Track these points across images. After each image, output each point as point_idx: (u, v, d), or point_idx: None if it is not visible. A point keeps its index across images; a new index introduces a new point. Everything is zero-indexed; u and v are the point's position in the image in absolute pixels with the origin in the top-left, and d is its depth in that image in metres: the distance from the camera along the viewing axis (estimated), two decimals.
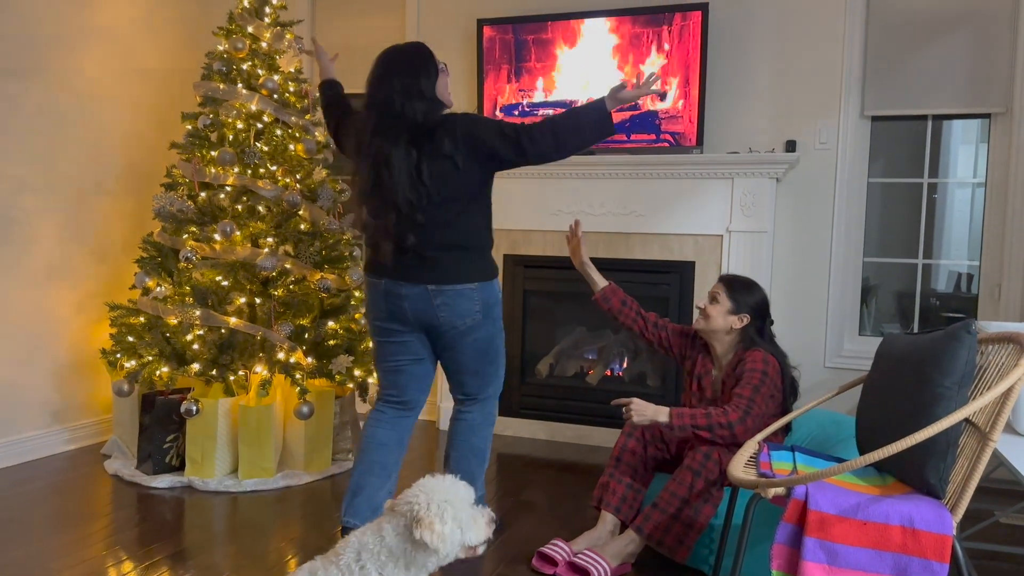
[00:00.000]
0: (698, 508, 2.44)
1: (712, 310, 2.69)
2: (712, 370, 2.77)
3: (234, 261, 3.49)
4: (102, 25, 3.88)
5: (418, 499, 1.76)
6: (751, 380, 2.53)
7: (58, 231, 3.73)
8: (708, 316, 2.69)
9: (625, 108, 4.06)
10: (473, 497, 1.83)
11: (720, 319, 2.68)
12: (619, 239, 4.09)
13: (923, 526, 1.77)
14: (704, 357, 2.79)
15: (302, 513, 3.09)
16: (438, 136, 2.45)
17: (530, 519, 3.07)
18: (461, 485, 1.81)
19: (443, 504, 1.75)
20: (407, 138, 2.44)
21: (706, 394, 2.74)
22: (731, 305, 2.68)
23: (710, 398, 2.73)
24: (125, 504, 3.12)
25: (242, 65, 3.69)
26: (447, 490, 1.78)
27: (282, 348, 3.42)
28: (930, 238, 3.95)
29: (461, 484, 1.81)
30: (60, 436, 3.77)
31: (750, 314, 2.69)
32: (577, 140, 2.52)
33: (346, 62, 4.90)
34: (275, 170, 3.64)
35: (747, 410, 2.47)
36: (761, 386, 2.52)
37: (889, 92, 3.88)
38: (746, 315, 2.68)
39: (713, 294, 2.71)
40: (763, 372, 2.55)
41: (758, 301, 2.71)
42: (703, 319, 2.71)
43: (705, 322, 2.70)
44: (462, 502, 1.78)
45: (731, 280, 2.74)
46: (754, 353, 2.61)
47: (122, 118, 4.04)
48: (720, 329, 2.69)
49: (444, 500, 1.76)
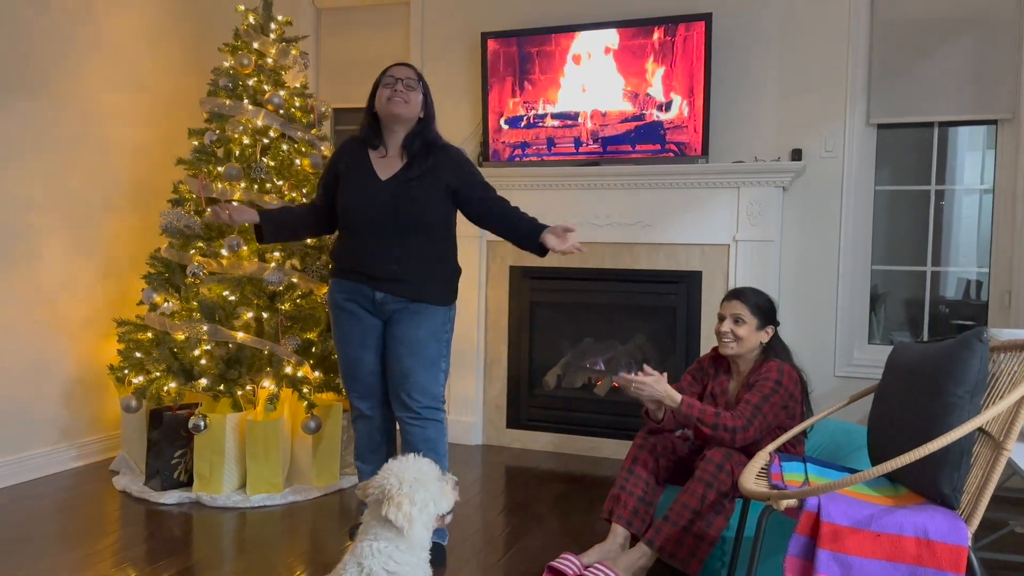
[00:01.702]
0: (710, 520, 2.42)
1: (742, 331, 2.64)
2: (728, 384, 2.75)
3: (241, 276, 3.49)
4: (108, 42, 3.91)
5: (388, 480, 1.83)
6: (762, 389, 2.52)
7: (65, 247, 3.74)
8: (741, 338, 2.65)
9: (629, 119, 4.07)
10: (438, 470, 1.90)
11: (752, 339, 2.65)
12: (625, 249, 4.09)
13: (938, 537, 1.75)
14: (718, 377, 2.77)
15: (311, 528, 3.07)
16: None
17: (539, 532, 3.05)
18: (426, 462, 1.88)
19: (414, 484, 1.82)
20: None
21: (720, 406, 2.72)
22: (757, 321, 2.65)
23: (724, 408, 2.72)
24: (133, 520, 3.11)
25: (248, 81, 3.71)
26: (416, 469, 1.84)
27: (289, 362, 3.42)
28: (938, 245, 3.93)
29: (426, 461, 1.88)
30: (68, 453, 3.77)
31: (772, 324, 2.68)
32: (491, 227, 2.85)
33: (350, 76, 4.93)
34: (281, 185, 3.64)
35: (751, 418, 2.46)
36: (772, 395, 2.50)
37: (895, 99, 3.87)
38: (771, 326, 2.68)
39: (735, 315, 2.65)
40: (776, 381, 2.53)
41: (772, 307, 2.70)
42: (736, 343, 2.65)
43: (739, 345, 2.66)
44: (431, 479, 1.85)
45: (747, 295, 2.68)
46: (770, 363, 2.60)
47: (129, 134, 4.05)
48: (752, 348, 2.67)
49: (414, 479, 1.82)
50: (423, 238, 2.75)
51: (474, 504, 3.38)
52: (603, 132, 4.12)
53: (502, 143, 4.32)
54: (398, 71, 2.74)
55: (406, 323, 2.75)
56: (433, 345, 2.79)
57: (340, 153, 2.87)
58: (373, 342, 2.83)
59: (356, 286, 2.78)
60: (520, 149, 4.29)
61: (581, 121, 4.16)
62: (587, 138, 4.16)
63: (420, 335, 2.76)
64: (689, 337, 4.00)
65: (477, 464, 4.03)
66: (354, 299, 2.80)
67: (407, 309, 2.75)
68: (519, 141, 4.29)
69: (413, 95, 2.72)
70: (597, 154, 4.14)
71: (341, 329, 2.85)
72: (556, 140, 4.21)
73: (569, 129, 4.19)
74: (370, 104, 2.79)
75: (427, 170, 2.72)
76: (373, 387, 2.88)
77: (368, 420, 2.93)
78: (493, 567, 2.66)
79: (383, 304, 2.77)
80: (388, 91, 2.70)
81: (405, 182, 2.72)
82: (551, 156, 4.22)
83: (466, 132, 4.45)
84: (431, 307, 2.77)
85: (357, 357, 2.84)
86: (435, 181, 2.73)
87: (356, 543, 1.86)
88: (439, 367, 2.82)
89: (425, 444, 2.79)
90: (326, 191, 2.88)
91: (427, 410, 2.79)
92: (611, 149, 4.11)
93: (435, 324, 2.79)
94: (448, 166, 2.77)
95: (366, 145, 2.81)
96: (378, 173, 2.75)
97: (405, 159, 2.76)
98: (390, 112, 2.70)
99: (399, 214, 2.70)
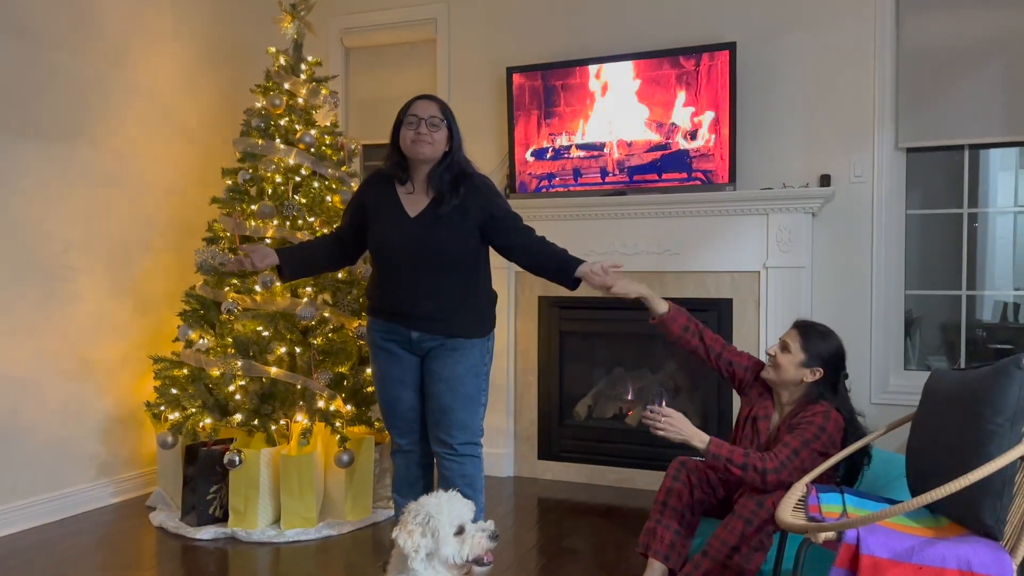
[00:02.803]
0: (748, 556, 2.38)
1: (783, 359, 2.54)
2: (772, 414, 2.64)
3: (274, 311, 3.54)
4: (144, 85, 4.02)
5: (410, 508, 1.90)
6: (804, 433, 2.41)
7: (103, 286, 3.83)
8: (778, 366, 2.55)
9: (655, 148, 4.08)
10: (470, 515, 1.90)
11: (791, 370, 2.53)
12: (654, 278, 4.08)
13: (981, 569, 1.71)
14: (765, 399, 2.66)
15: (344, 563, 3.08)
16: None
17: (574, 568, 3.03)
18: (465, 503, 1.90)
19: (427, 516, 1.86)
20: None
21: (760, 438, 2.62)
22: (804, 357, 2.52)
23: (763, 443, 2.61)
24: (170, 556, 3.14)
25: (280, 121, 3.79)
26: (449, 506, 1.88)
27: (322, 396, 3.44)
28: (972, 268, 3.88)
29: (465, 503, 1.90)
30: (106, 489, 3.82)
31: (823, 367, 2.53)
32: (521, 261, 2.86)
33: (379, 113, 5.01)
34: (313, 221, 3.70)
35: (785, 462, 2.36)
36: (813, 441, 2.40)
37: (923, 123, 3.85)
38: (819, 369, 2.52)
39: (785, 342, 2.56)
40: (820, 427, 2.42)
41: (833, 352, 2.55)
42: (772, 369, 2.57)
43: (775, 372, 2.56)
44: (448, 517, 1.86)
45: (806, 328, 2.58)
46: (817, 406, 2.48)
47: (164, 175, 4.15)
48: (790, 381, 2.55)
49: (429, 513, 1.86)
50: (455, 274, 2.73)
51: (507, 538, 3.36)
52: (629, 162, 4.14)
53: (529, 175, 4.36)
54: (421, 109, 2.69)
55: (444, 359, 2.74)
56: (471, 380, 2.76)
57: (367, 186, 2.86)
58: (411, 379, 2.83)
59: (392, 325, 2.77)
60: (547, 180, 4.32)
61: (607, 151, 4.19)
62: (613, 168, 4.18)
63: (458, 372, 2.74)
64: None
65: (509, 496, 4.01)
66: (391, 338, 2.79)
67: (444, 346, 2.74)
68: (545, 172, 4.32)
69: (438, 134, 2.67)
70: (623, 183, 4.15)
71: (380, 367, 2.85)
72: (582, 171, 4.24)
73: (595, 160, 4.21)
74: (394, 139, 2.76)
75: (456, 206, 2.69)
76: (412, 423, 2.86)
77: (407, 455, 2.92)
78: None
79: (420, 342, 2.75)
80: (412, 132, 2.65)
81: (434, 220, 2.68)
82: (577, 187, 4.25)
83: (493, 165, 4.49)
84: (468, 341, 2.76)
85: (396, 396, 2.83)
86: (464, 216, 2.70)
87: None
88: (479, 402, 2.81)
89: (462, 480, 2.77)
90: (351, 221, 2.87)
91: (465, 446, 2.77)
92: (637, 178, 4.13)
93: (473, 359, 2.76)
94: (476, 199, 2.72)
95: (392, 179, 2.78)
96: (407, 210, 2.73)
97: (432, 194, 2.72)
98: (415, 154, 2.67)
99: (430, 252, 2.68)
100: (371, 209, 2.78)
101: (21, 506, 3.44)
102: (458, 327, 2.74)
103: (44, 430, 3.55)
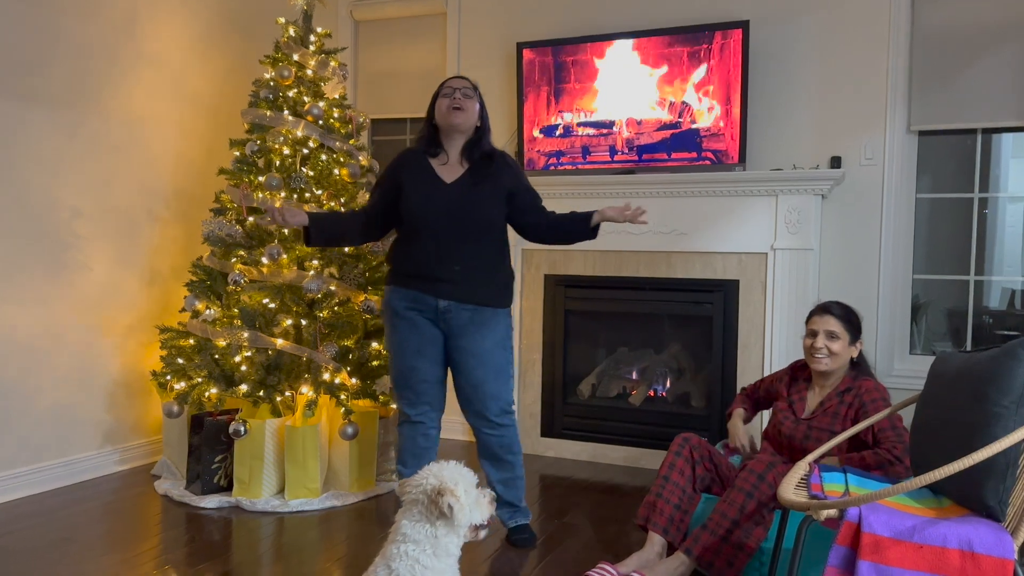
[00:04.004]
0: (748, 530, 2.40)
1: (836, 347, 2.65)
2: (807, 394, 2.75)
3: (281, 284, 3.55)
4: (152, 54, 4.01)
5: (428, 480, 1.84)
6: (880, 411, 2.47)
7: (110, 256, 3.83)
8: (835, 355, 2.65)
9: (665, 127, 4.06)
10: (476, 480, 1.92)
11: (845, 355, 2.67)
12: (660, 258, 4.07)
13: (982, 550, 1.72)
14: (797, 384, 2.79)
15: (347, 534, 3.10)
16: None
17: (575, 542, 3.05)
18: (464, 468, 1.89)
19: (453, 480, 1.84)
20: None
21: (798, 414, 2.71)
22: (849, 337, 2.66)
23: (805, 419, 2.68)
24: (175, 524, 3.17)
25: (288, 92, 3.77)
26: (454, 471, 1.86)
27: (327, 369, 3.46)
28: (981, 254, 3.86)
29: (466, 469, 1.90)
30: (112, 457, 3.85)
31: (861, 339, 2.71)
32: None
33: (388, 87, 4.99)
34: (320, 194, 3.70)
35: (897, 441, 2.45)
36: (893, 415, 2.49)
37: (936, 106, 3.82)
38: (860, 341, 2.70)
39: (830, 331, 2.65)
40: (885, 401, 2.55)
41: (860, 321, 2.72)
42: (830, 359, 2.65)
43: (832, 361, 2.65)
44: (468, 483, 1.86)
45: (837, 309, 2.69)
46: (866, 383, 2.60)
47: (172, 145, 4.15)
48: (844, 364, 2.68)
49: (453, 479, 1.84)
50: (485, 241, 2.86)
51: None
52: (639, 140, 4.12)
53: (537, 152, 4.34)
54: (455, 82, 2.88)
55: (472, 335, 2.83)
56: (500, 353, 2.88)
57: (400, 161, 2.96)
58: (430, 351, 2.88)
59: (418, 295, 2.84)
60: (555, 158, 4.30)
61: (616, 129, 4.17)
62: (622, 146, 4.16)
63: (487, 346, 2.84)
64: (726, 346, 3.97)
65: None
66: (415, 307, 2.85)
67: (472, 321, 2.82)
68: (554, 150, 4.30)
69: (470, 103, 2.85)
70: (632, 162, 4.14)
71: (398, 335, 2.89)
72: (591, 148, 4.22)
73: (604, 138, 4.19)
74: (429, 115, 2.92)
75: (489, 175, 2.85)
76: (424, 394, 2.92)
77: (414, 426, 2.97)
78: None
79: (446, 313, 2.82)
80: (448, 100, 2.83)
81: (470, 186, 2.83)
82: (586, 165, 4.23)
83: (501, 141, 4.48)
84: (495, 315, 2.86)
85: (412, 365, 2.88)
86: (496, 185, 2.85)
87: (387, 545, 1.86)
88: (507, 373, 2.91)
89: (501, 449, 2.92)
90: (383, 198, 2.95)
91: (501, 416, 2.89)
92: (647, 157, 4.11)
93: (500, 332, 2.88)
94: (507, 172, 2.91)
95: (425, 154, 2.91)
96: (442, 177, 2.86)
97: (466, 165, 2.89)
98: (451, 122, 2.83)
99: (465, 215, 2.80)
100: (405, 180, 2.88)
101: (27, 471, 3.47)
102: (483, 295, 2.83)
103: (51, 397, 3.57)
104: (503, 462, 2.96)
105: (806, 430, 2.64)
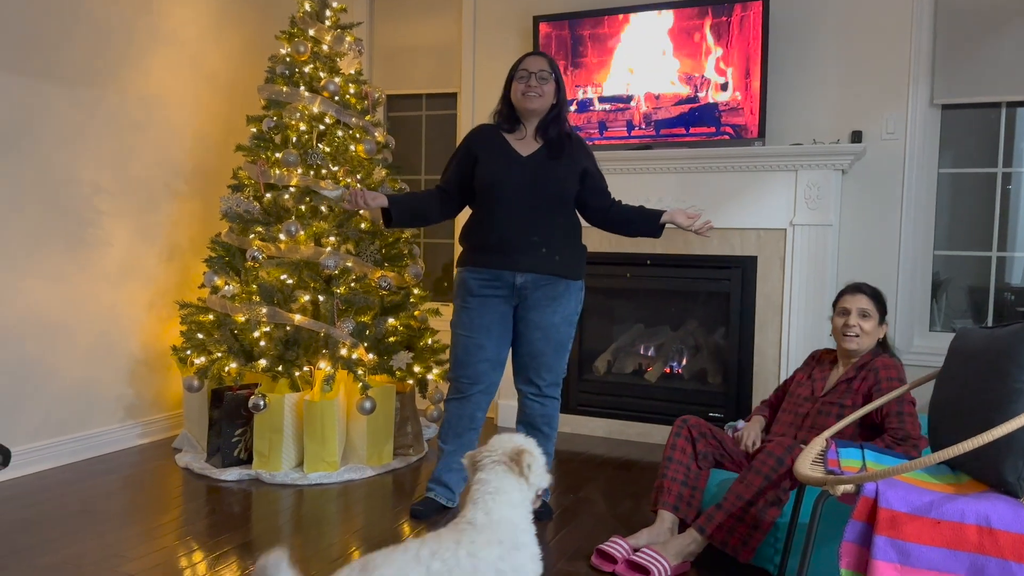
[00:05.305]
0: (763, 510, 2.40)
1: (868, 325, 2.65)
2: (829, 372, 2.75)
3: (298, 260, 3.56)
4: (170, 31, 4.01)
5: (506, 444, 1.89)
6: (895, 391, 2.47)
7: (130, 232, 3.86)
8: (867, 332, 2.65)
9: (684, 101, 4.02)
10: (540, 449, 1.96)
11: (875, 334, 2.68)
12: (677, 234, 4.04)
13: (1001, 525, 1.71)
14: (820, 367, 2.79)
15: (365, 506, 3.14)
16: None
17: (589, 516, 3.07)
18: (531, 440, 1.94)
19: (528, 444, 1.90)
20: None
21: (817, 391, 2.71)
22: (879, 316, 2.68)
23: (822, 395, 2.68)
24: (195, 496, 3.21)
25: (304, 68, 3.76)
26: (521, 440, 1.92)
27: (344, 344, 3.48)
28: (1004, 230, 3.81)
29: (531, 440, 1.94)
30: (133, 430, 3.91)
31: (887, 320, 2.72)
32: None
33: (404, 62, 4.97)
34: (336, 170, 3.70)
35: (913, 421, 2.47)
36: (906, 395, 2.49)
37: (960, 79, 3.75)
38: (886, 323, 2.71)
39: (862, 309, 2.65)
40: (901, 380, 2.55)
41: (886, 301, 2.74)
42: (862, 338, 2.65)
43: (864, 340, 2.65)
44: (538, 454, 1.92)
45: (868, 289, 2.70)
46: (886, 360, 2.60)
47: (189, 122, 4.16)
48: (872, 344, 2.68)
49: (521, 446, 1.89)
50: (560, 214, 2.88)
51: None
52: (656, 115, 4.09)
53: None
54: (531, 63, 2.86)
55: (543, 308, 2.86)
56: (565, 328, 2.92)
57: (475, 136, 2.97)
58: (499, 329, 2.91)
59: (496, 272, 2.87)
60: None
61: (634, 104, 4.13)
62: (640, 121, 4.12)
63: (556, 321, 2.88)
64: (743, 323, 3.95)
65: None
66: (492, 284, 2.88)
67: (546, 295, 2.85)
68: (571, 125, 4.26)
69: (546, 87, 2.84)
70: (650, 137, 4.10)
71: (470, 314, 2.91)
72: (608, 123, 4.19)
73: (621, 112, 4.16)
74: (506, 94, 2.92)
75: (565, 152, 2.86)
76: (482, 374, 2.95)
77: (461, 403, 2.98)
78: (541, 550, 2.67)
79: (523, 289, 2.86)
80: (522, 85, 2.83)
81: (547, 159, 2.85)
82: (603, 140, 4.20)
83: None
84: (568, 288, 2.89)
85: (480, 344, 2.90)
86: (573, 162, 2.87)
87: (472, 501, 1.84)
88: (567, 348, 2.96)
89: (542, 420, 2.97)
90: (459, 170, 2.96)
91: (550, 387, 2.95)
92: (664, 132, 4.07)
93: (570, 308, 2.91)
94: (583, 152, 2.93)
95: (497, 130, 2.93)
96: (518, 151, 2.88)
97: (541, 141, 2.90)
98: (525, 107, 2.84)
99: (543, 187, 2.82)
100: (480, 154, 2.90)
101: (50, 444, 3.53)
102: (561, 266, 2.87)
103: (73, 372, 3.62)
104: (539, 433, 2.96)
105: (820, 405, 2.64)
